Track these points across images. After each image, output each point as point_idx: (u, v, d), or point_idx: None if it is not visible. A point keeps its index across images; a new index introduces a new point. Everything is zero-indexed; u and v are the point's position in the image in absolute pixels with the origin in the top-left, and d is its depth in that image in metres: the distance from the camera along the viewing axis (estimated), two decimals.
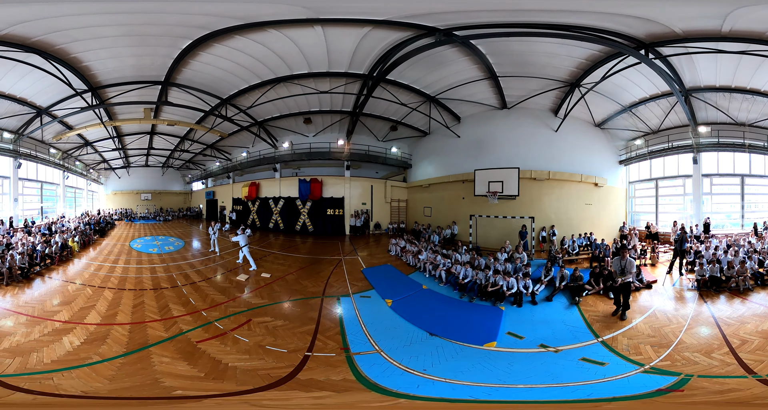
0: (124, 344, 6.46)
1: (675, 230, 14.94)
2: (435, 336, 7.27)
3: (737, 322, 7.39)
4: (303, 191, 21.96)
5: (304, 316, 8.16)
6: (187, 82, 14.52)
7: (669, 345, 6.51)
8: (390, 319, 8.19)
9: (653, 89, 13.83)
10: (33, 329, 6.98)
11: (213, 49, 11.78)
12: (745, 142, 14.70)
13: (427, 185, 20.82)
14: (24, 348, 6.15)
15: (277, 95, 15.80)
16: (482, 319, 8.37)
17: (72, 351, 6.09)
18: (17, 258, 10.88)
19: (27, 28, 9.74)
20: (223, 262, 13.96)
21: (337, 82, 14.62)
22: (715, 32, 9.15)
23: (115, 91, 14.74)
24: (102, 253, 15.73)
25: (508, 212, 16.11)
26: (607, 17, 9.05)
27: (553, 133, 16.36)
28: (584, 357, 6.32)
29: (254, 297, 9.53)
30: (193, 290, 10.03)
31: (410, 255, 13.58)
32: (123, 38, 10.77)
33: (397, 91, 15.48)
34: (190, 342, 6.64)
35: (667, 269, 11.63)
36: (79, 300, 8.87)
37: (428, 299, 9.81)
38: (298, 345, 6.65)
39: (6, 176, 18.89)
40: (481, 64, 12.81)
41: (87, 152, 25.81)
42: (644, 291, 9.83)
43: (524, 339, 7.24)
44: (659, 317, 7.95)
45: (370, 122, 19.75)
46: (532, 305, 9.20)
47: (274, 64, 13.04)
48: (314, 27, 10.43)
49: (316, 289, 10.20)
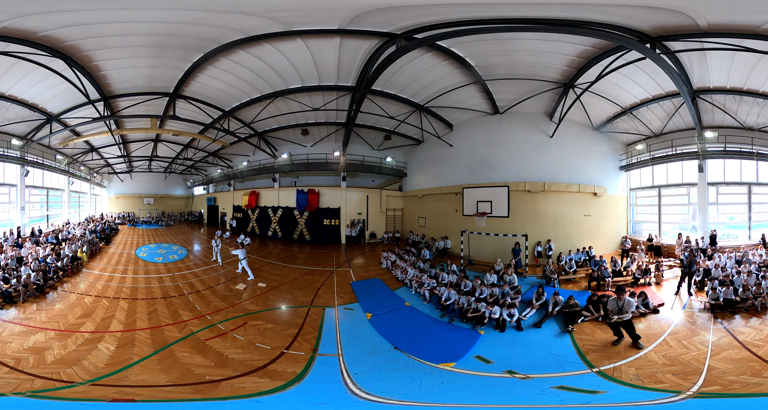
0: (150, 345, 7.20)
1: (680, 242, 13.34)
2: (398, 349, 7.16)
3: (765, 342, 6.59)
4: (300, 202, 21.05)
5: (290, 321, 8.73)
6: (194, 94, 14.13)
7: (696, 372, 5.71)
8: (365, 330, 8.20)
9: (656, 89, 12.12)
10: (66, 341, 7.20)
11: (219, 63, 11.52)
12: (754, 150, 12.88)
13: (422, 196, 19.43)
14: (69, 358, 6.47)
15: (277, 110, 15.55)
16: (454, 340, 7.73)
17: (113, 355, 6.67)
18: (32, 275, 10.54)
19: (67, 32, 9.18)
20: (224, 272, 13.95)
21: (329, 96, 14.07)
22: (751, 28, 7.49)
23: (126, 101, 14.13)
24: (111, 263, 15.48)
25: (500, 229, 13.95)
26: (602, 9, 7.45)
27: (548, 139, 14.65)
28: (562, 385, 5.59)
29: (251, 304, 10.09)
30: (198, 297, 10.56)
31: (399, 270, 12.65)
32: (146, 48, 10.37)
33: (385, 103, 14.45)
34: (200, 340, 7.49)
35: (675, 290, 9.94)
36: (99, 312, 9.11)
37: (407, 316, 9.33)
38: (280, 344, 7.39)
39: (13, 184, 17.97)
40: (462, 68, 11.49)
41: (93, 157, 25.09)
42: (651, 316, 8.27)
43: (493, 363, 6.58)
44: (672, 345, 6.85)
45: (364, 132, 18.78)
46: (516, 331, 8.07)
47: (270, 78, 12.68)
48: (296, 39, 9.89)
49: (305, 299, 10.49)
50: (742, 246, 12.37)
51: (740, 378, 5.33)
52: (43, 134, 16.43)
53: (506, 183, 14.09)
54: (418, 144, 19.65)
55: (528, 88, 12.52)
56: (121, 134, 18.75)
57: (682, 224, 14.96)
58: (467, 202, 14.76)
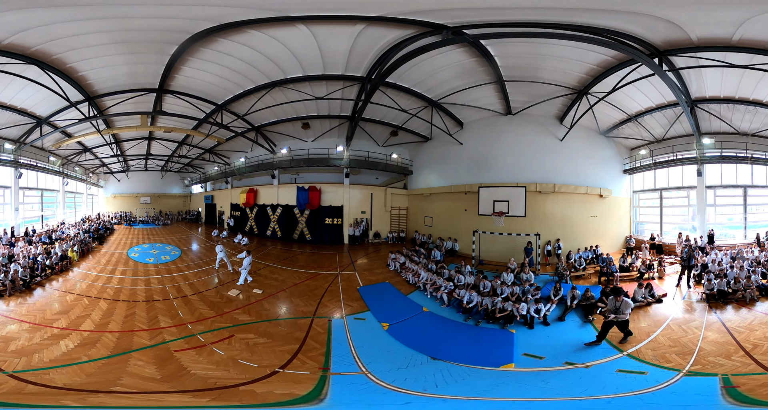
0: (110, 348, 7.56)
1: (680, 241, 15.69)
2: (438, 359, 7.31)
3: (746, 330, 8.31)
4: (301, 200, 21.92)
5: (289, 336, 8.42)
6: (181, 88, 14.83)
7: (691, 352, 7.38)
8: (385, 343, 8.24)
9: (660, 99, 14.36)
10: (35, 334, 8.10)
11: (201, 54, 11.99)
12: (749, 154, 15.38)
13: (428, 194, 21.01)
14: (28, 349, 7.36)
15: (274, 100, 15.87)
16: (492, 342, 8.37)
17: (66, 353, 7.29)
18: (20, 271, 11.80)
19: (27, 37, 10.11)
20: (217, 275, 14.18)
21: (334, 86, 14.55)
22: (725, 41, 9.54)
23: (112, 100, 15.15)
24: (100, 263, 16.33)
25: (514, 228, 15.84)
26: (632, 18, 8.93)
27: (557, 141, 16.79)
28: (620, 369, 6.80)
29: (242, 314, 9.91)
30: (183, 303, 10.68)
31: (410, 273, 13.35)
32: (112, 46, 11.09)
33: (397, 96, 15.38)
34: (169, 351, 7.50)
35: (676, 283, 12.21)
36: (76, 309, 9.85)
37: (429, 323, 9.63)
38: (272, 361, 7.13)
39: (7, 186, 19.83)
40: (488, 66, 12.70)
41: (86, 158, 27.00)
42: (656, 305, 10.31)
43: (544, 358, 7.42)
44: (674, 329, 8.69)
45: (369, 127, 19.83)
46: (544, 327, 9.24)
47: (266, 67, 13.07)
48: (297, 26, 10.13)
49: (307, 309, 10.28)
50: (737, 245, 14.81)
51: (716, 358, 7.02)
52: (34, 136, 17.97)
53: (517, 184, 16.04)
54: (426, 141, 21.22)
55: (544, 91, 14.42)
56: (113, 133, 20.21)
57: (681, 225, 17.51)
58: (483, 201, 16.36)
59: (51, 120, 16.82)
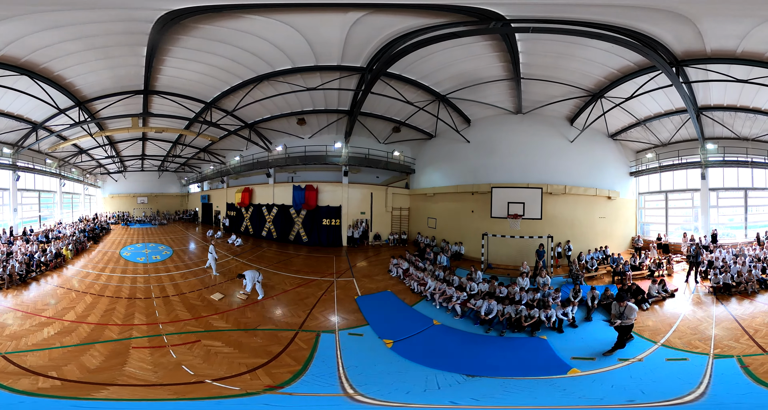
0: (81, 338, 8.60)
1: (686, 241, 17.12)
2: (479, 376, 6.94)
3: (749, 317, 9.93)
4: (297, 199, 22.15)
5: (261, 349, 8.14)
6: (167, 88, 15.68)
7: (709, 338, 8.76)
8: (389, 362, 7.76)
9: (669, 105, 15.73)
10: (25, 322, 9.53)
11: (174, 52, 12.58)
12: (749, 159, 16.93)
13: (432, 195, 21.36)
14: (18, 333, 8.76)
15: (263, 94, 16.05)
16: (530, 351, 8.42)
17: (45, 338, 8.52)
18: (16, 266, 13.52)
19: (17, 49, 11.44)
20: (204, 278, 14.56)
21: (329, 77, 14.41)
22: (731, 53, 10.87)
23: (102, 103, 16.49)
24: (92, 261, 17.86)
25: (526, 231, 16.24)
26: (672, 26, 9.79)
27: (568, 143, 17.82)
28: (668, 358, 7.81)
29: (219, 320, 10.00)
30: (163, 303, 11.40)
31: (414, 281, 12.96)
32: (91, 52, 12.07)
33: (402, 88, 15.36)
34: (125, 347, 8.18)
35: (684, 279, 13.74)
36: (63, 302, 11.31)
37: (446, 337, 9.14)
38: (217, 373, 7.00)
39: (6, 188, 22.20)
40: (508, 62, 13.06)
41: (82, 159, 29.47)
42: (669, 299, 11.55)
43: (596, 359, 7.92)
44: (690, 319, 10.11)
45: (370, 123, 20.00)
46: (573, 329, 9.62)
47: (249, 61, 13.29)
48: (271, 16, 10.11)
49: (294, 320, 9.93)
50: (739, 244, 16.32)
51: (729, 342, 8.43)
52: (31, 140, 20.01)
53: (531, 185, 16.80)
54: (430, 138, 21.67)
55: (559, 92, 15.39)
56: (106, 135, 21.89)
57: (685, 225, 18.99)
58: (497, 203, 16.72)
59: (46, 125, 18.56)
